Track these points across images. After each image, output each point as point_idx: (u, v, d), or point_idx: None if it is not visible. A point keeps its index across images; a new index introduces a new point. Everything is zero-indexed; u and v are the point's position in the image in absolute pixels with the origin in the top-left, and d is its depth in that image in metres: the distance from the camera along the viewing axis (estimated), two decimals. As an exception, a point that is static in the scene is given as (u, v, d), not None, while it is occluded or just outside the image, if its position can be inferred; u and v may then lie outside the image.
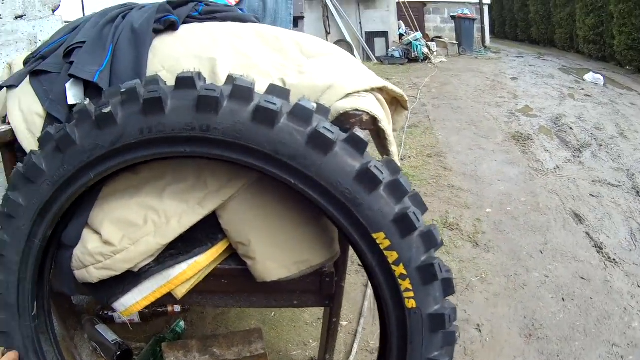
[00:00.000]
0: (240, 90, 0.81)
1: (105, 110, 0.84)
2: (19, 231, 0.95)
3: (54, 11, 1.43)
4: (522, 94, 5.12)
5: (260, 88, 0.83)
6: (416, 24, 8.74)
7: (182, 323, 1.61)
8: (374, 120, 0.87)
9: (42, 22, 1.40)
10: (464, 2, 9.29)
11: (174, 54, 0.94)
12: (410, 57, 7.86)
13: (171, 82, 0.86)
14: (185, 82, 0.83)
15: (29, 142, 1.01)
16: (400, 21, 8.75)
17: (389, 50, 8.25)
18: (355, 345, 1.53)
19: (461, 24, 8.61)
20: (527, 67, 7.04)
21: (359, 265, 1.91)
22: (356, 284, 1.86)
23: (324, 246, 0.94)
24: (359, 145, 0.82)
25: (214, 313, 1.74)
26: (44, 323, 1.06)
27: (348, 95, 0.87)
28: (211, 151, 0.83)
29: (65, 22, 1.44)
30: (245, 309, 1.74)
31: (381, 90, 0.93)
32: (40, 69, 1.03)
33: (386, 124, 0.87)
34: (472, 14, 8.72)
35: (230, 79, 0.84)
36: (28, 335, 1.02)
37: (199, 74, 0.85)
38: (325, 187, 0.81)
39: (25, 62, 1.12)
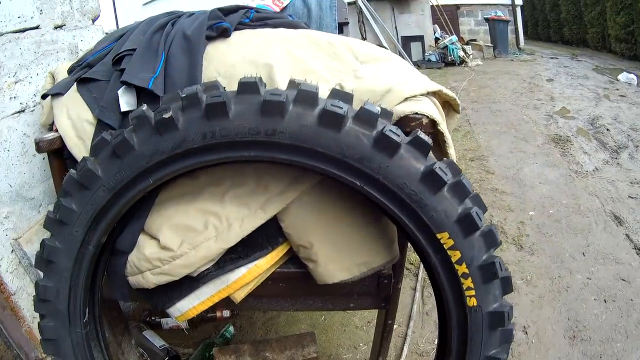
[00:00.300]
0: (305, 95, 0.82)
1: (166, 116, 0.84)
2: (71, 237, 0.94)
3: (93, 21, 1.43)
4: (558, 95, 5.15)
5: (320, 93, 0.84)
6: (451, 27, 8.67)
7: (231, 328, 1.61)
8: (433, 123, 0.89)
9: (82, 31, 1.39)
10: (497, 4, 9.16)
11: (229, 60, 0.95)
12: (446, 60, 7.83)
13: (227, 88, 0.87)
14: (249, 86, 0.83)
15: (78, 149, 1.01)
16: (435, 25, 8.69)
17: (426, 54, 8.19)
18: (405, 348, 1.54)
19: (495, 26, 8.56)
20: (561, 68, 7.04)
21: (407, 269, 1.92)
22: (405, 288, 1.88)
23: (384, 248, 0.95)
24: (423, 147, 0.83)
25: (264, 318, 1.74)
26: (94, 330, 1.04)
27: (406, 99, 0.89)
28: (277, 155, 0.83)
29: (106, 32, 1.45)
30: (295, 314, 1.76)
31: (435, 93, 0.95)
32: (88, 76, 1.03)
33: (444, 126, 0.89)
34: (505, 16, 8.65)
35: (292, 83, 0.85)
36: (78, 342, 1.01)
37: (260, 79, 0.86)
38: (391, 189, 0.82)
39: (70, 71, 1.12)
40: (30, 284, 1.30)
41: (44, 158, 1.30)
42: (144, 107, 0.88)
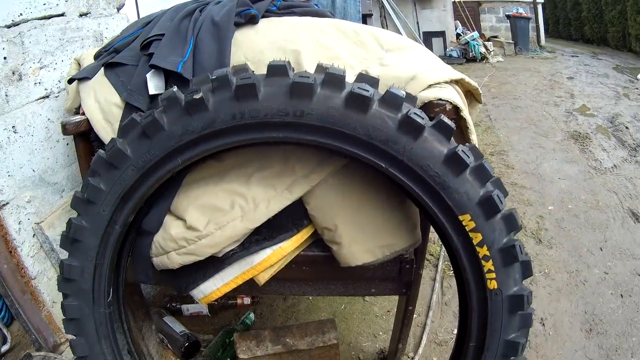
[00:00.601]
0: (333, 78, 0.84)
1: (197, 97, 0.86)
2: (98, 217, 0.96)
3: (118, 9, 1.46)
4: (578, 93, 5.16)
5: (347, 78, 0.86)
6: (472, 23, 8.65)
7: (251, 315, 1.62)
8: (456, 109, 0.91)
9: (107, 19, 1.43)
10: (519, 1, 9.12)
11: (257, 46, 0.97)
12: (467, 56, 7.80)
13: (255, 73, 0.88)
14: (278, 69, 0.85)
15: (105, 131, 1.03)
16: (457, 21, 8.68)
17: (447, 50, 8.15)
18: (424, 337, 1.56)
19: (516, 23, 8.51)
20: (582, 66, 7.03)
21: (427, 260, 1.94)
22: (424, 279, 1.88)
23: (407, 231, 0.96)
24: (446, 131, 0.85)
25: (284, 305, 1.75)
26: (117, 311, 1.06)
27: (430, 86, 0.91)
28: (304, 136, 0.85)
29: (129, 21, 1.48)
30: (315, 302, 1.78)
31: (458, 82, 0.97)
32: (116, 61, 1.06)
33: (467, 113, 0.91)
34: (526, 13, 8.62)
35: (320, 67, 0.87)
36: (101, 321, 1.02)
37: (289, 62, 0.88)
38: (415, 170, 0.84)
39: (97, 56, 1.14)
40: (51, 269, 1.31)
41: (67, 144, 1.33)
42: (175, 88, 0.90)
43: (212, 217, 0.93)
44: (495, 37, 8.90)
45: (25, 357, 1.31)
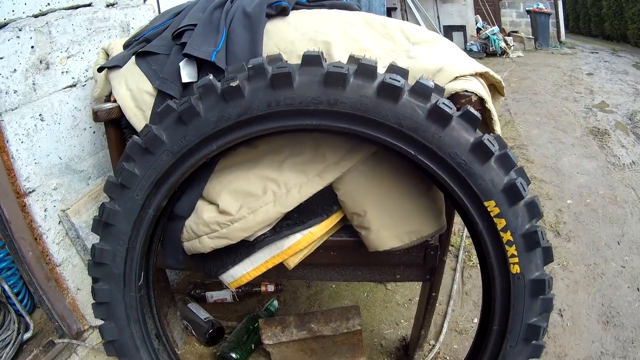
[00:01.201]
0: (365, 68, 0.87)
1: (233, 84, 0.89)
2: (132, 201, 0.99)
3: (144, 0, 1.48)
4: (597, 89, 5.19)
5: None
6: (492, 17, 8.66)
7: (275, 302, 1.65)
8: (481, 101, 0.94)
9: (134, 10, 1.45)
10: None
11: (288, 37, 1.01)
12: (488, 51, 7.80)
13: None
14: (312, 59, 0.88)
15: (137, 118, 1.06)
16: (477, 15, 8.65)
17: (467, 44, 8.14)
18: (445, 325, 1.59)
19: (536, 18, 8.49)
20: (602, 63, 7.06)
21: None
22: (445, 269, 1.92)
23: (433, 218, 1.00)
24: (472, 121, 0.88)
25: (307, 293, 1.79)
26: (147, 295, 1.08)
27: (456, 78, 0.94)
28: (337, 124, 0.88)
29: (156, 12, 1.50)
30: (338, 290, 1.82)
31: (482, 75, 1.01)
32: (148, 50, 1.08)
33: (492, 105, 0.95)
34: (547, 9, 8.59)
35: (352, 58, 0.90)
36: (132, 305, 1.04)
37: (322, 53, 0.91)
38: (443, 158, 0.87)
39: (126, 46, 1.17)
40: (76, 256, 1.33)
41: (94, 132, 1.35)
42: (210, 76, 0.93)
43: (245, 202, 0.96)
44: (516, 32, 8.86)
45: (47, 344, 1.33)
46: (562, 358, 1.47)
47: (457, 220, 1.08)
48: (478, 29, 8.39)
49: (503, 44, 7.82)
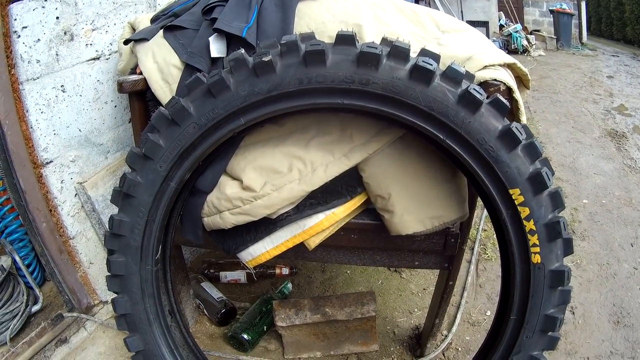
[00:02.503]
0: (398, 50, 0.87)
1: (266, 59, 0.89)
2: (154, 173, 0.98)
3: None
4: (617, 92, 5.21)
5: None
6: (515, 15, 8.65)
7: (289, 285, 1.65)
8: (509, 90, 0.95)
9: None
10: None
11: (320, 18, 1.01)
12: (509, 48, 7.80)
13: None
14: (346, 39, 0.89)
15: (163, 91, 1.05)
16: (501, 12, 8.69)
17: (490, 40, 8.23)
18: (458, 317, 1.60)
19: (559, 18, 8.51)
20: (622, 66, 7.06)
21: None
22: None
23: (456, 204, 1.00)
24: (501, 108, 0.89)
25: (322, 278, 1.79)
26: (163, 270, 1.07)
27: (485, 67, 0.95)
28: (368, 104, 0.88)
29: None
30: (353, 276, 1.82)
31: (509, 66, 1.02)
32: (176, 24, 1.08)
33: (519, 95, 0.96)
34: (570, 9, 8.63)
35: (385, 40, 0.91)
36: (147, 278, 1.04)
37: (356, 34, 0.91)
38: (471, 143, 0.88)
39: (153, 20, 1.17)
40: (91, 229, 1.33)
41: (115, 106, 1.34)
42: (242, 50, 0.93)
43: (270, 179, 0.96)
44: (538, 30, 8.88)
45: (56, 318, 1.32)
46: (573, 355, 1.48)
47: (475, 212, 1.08)
48: (501, 26, 8.42)
49: (525, 42, 7.84)
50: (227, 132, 0.94)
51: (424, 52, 0.90)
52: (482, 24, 8.26)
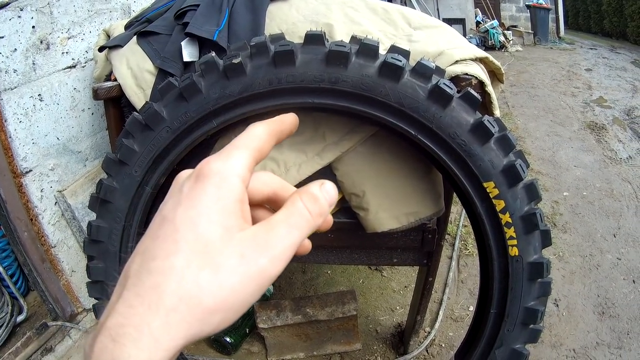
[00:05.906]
0: (367, 48, 0.87)
1: (236, 61, 0.89)
2: (130, 178, 0.98)
3: None
4: (596, 85, 5.25)
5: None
6: (492, 11, 8.67)
7: (270, 287, 1.64)
8: (481, 84, 0.95)
9: None
10: None
11: (290, 19, 1.01)
12: (487, 45, 7.82)
13: (289, 43, 0.92)
14: (315, 38, 0.89)
15: (137, 97, 1.05)
16: (477, 8, 8.70)
17: (466, 37, 7.95)
18: (441, 313, 1.60)
19: (536, 13, 8.54)
20: (600, 59, 7.14)
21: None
22: (441, 256, 1.93)
23: (432, 200, 1.00)
24: (472, 102, 0.89)
25: (303, 279, 1.79)
26: (142, 274, 1.07)
27: (457, 61, 0.95)
28: (338, 102, 0.88)
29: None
30: (334, 276, 1.83)
31: (482, 61, 1.02)
32: (150, 30, 1.08)
33: (491, 88, 0.96)
34: (547, 4, 8.64)
35: (355, 39, 0.91)
36: (127, 284, 1.03)
37: (325, 33, 0.92)
38: (443, 138, 0.88)
39: (127, 26, 1.17)
40: (72, 237, 1.32)
41: (92, 113, 1.34)
42: (212, 53, 0.94)
43: (244, 180, 0.95)
44: (515, 26, 8.90)
45: (41, 327, 1.31)
46: (558, 347, 1.48)
47: (454, 209, 1.08)
48: (477, 23, 8.43)
49: (502, 38, 7.87)
50: (200, 135, 0.94)
51: (393, 49, 0.90)
52: (458, 21, 8.28)
